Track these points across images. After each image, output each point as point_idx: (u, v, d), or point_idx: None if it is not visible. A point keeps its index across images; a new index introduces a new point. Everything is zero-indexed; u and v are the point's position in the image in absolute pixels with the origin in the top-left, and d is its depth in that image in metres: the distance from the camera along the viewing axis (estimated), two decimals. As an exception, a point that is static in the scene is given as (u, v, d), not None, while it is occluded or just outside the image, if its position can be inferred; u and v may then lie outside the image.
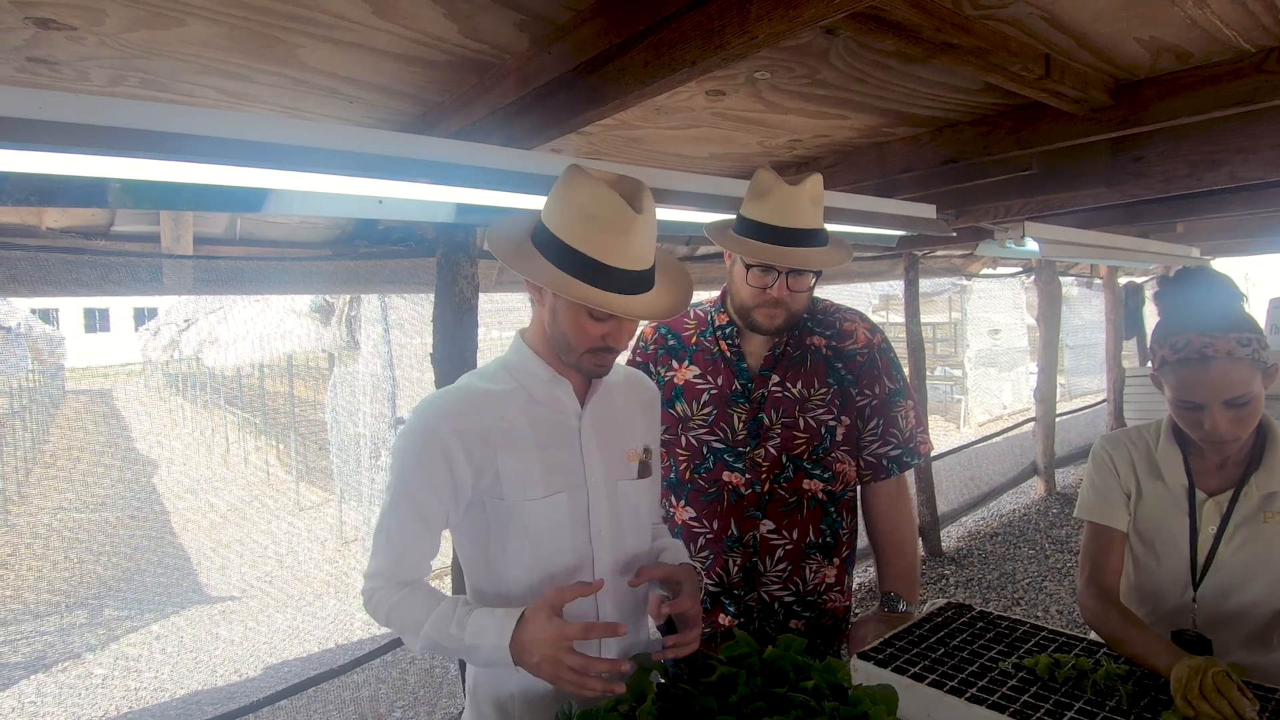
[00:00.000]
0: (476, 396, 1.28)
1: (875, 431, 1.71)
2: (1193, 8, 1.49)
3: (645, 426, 1.44)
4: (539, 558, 1.28)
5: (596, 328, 1.21)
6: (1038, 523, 6.06)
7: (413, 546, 1.28)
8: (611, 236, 1.13)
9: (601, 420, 1.35)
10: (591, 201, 1.13)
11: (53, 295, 2.32)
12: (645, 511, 1.42)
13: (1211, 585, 1.46)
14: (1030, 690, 1.28)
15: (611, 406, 1.38)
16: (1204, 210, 3.80)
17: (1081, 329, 12.89)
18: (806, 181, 1.54)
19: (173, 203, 1.44)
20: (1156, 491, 1.52)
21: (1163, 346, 1.39)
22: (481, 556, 1.32)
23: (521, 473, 1.26)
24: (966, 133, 2.36)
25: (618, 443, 1.37)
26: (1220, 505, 1.45)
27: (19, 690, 4.42)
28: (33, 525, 8.36)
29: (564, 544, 1.30)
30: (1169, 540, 1.50)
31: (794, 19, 1.03)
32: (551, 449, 1.29)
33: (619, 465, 1.36)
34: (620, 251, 1.13)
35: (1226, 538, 1.44)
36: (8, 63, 1.49)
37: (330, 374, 6.95)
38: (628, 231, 1.13)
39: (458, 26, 1.45)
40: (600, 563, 1.33)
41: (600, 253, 1.13)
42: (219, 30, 1.40)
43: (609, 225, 1.12)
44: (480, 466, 1.25)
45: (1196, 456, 1.48)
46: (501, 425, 1.26)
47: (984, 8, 1.45)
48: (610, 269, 1.13)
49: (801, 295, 1.62)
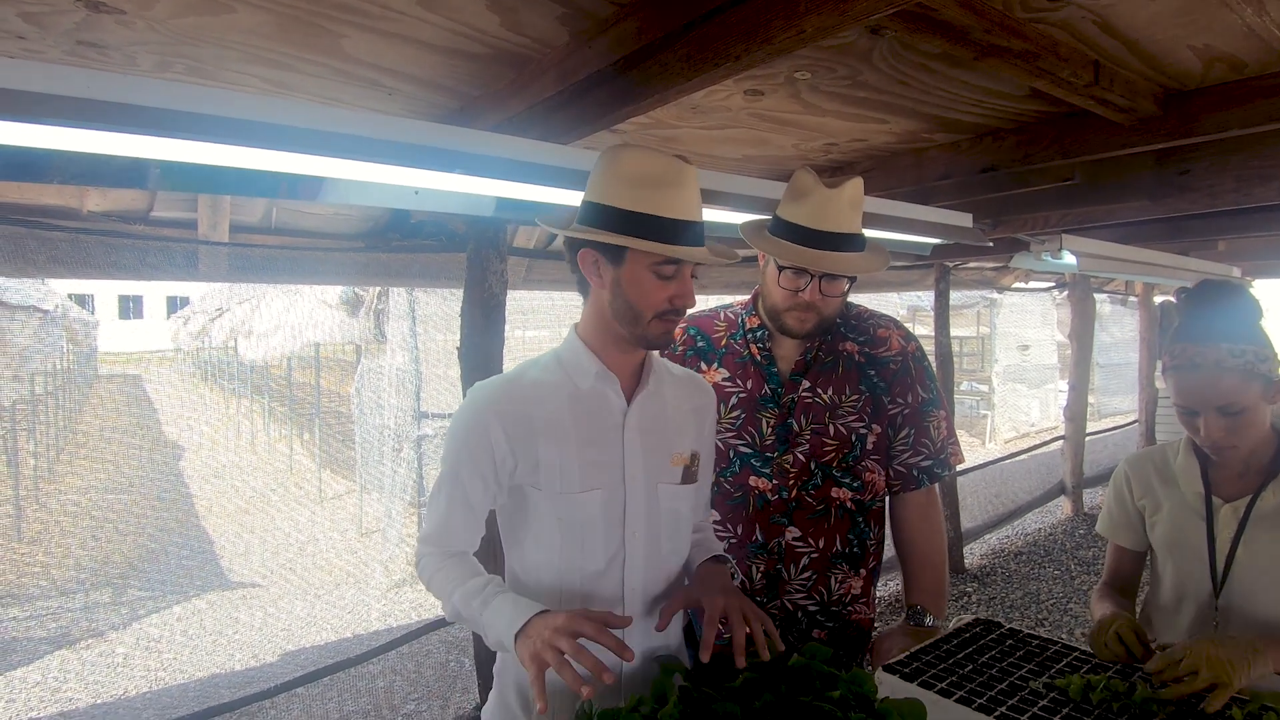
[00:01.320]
0: (526, 384, 1.30)
1: (906, 441, 1.68)
2: (1252, 15, 1.45)
3: (695, 431, 1.42)
4: (571, 551, 1.29)
5: (662, 289, 1.22)
6: (1064, 543, 5.94)
7: (458, 523, 1.31)
8: (668, 191, 1.18)
9: (648, 420, 1.34)
10: (641, 165, 1.18)
11: (91, 277, 2.37)
12: (685, 517, 1.40)
13: (1233, 590, 1.47)
14: (1062, 711, 1.24)
15: (661, 407, 1.37)
16: (1249, 228, 3.71)
17: (1112, 347, 12.65)
18: (846, 184, 1.51)
19: (212, 186, 1.45)
20: (1174, 501, 1.57)
21: (1166, 353, 1.46)
22: (517, 542, 1.34)
23: (560, 464, 1.27)
24: (1007, 140, 2.32)
25: (663, 445, 1.35)
26: (1237, 511, 1.47)
27: (44, 665, 4.51)
28: (63, 504, 8.54)
29: (597, 540, 1.29)
30: (1188, 547, 1.53)
31: (844, 13, 1.01)
32: (593, 444, 1.29)
33: (661, 468, 1.35)
34: (679, 203, 1.18)
35: (1245, 541, 1.45)
36: (58, 45, 1.51)
37: (357, 366, 7.02)
38: (681, 184, 1.18)
39: (500, 19, 1.45)
40: (632, 562, 1.32)
41: (659, 208, 1.17)
42: (267, 18, 1.41)
43: (662, 181, 1.18)
44: (521, 453, 1.26)
45: (1216, 467, 1.52)
46: (546, 415, 1.27)
47: (1035, 10, 1.42)
48: (670, 220, 1.18)
49: (834, 300, 1.59)
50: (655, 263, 1.20)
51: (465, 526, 1.32)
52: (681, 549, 1.41)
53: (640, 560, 1.33)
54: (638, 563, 1.33)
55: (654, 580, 1.36)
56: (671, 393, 1.40)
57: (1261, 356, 1.37)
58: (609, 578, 1.32)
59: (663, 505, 1.34)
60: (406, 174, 1.50)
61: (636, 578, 1.33)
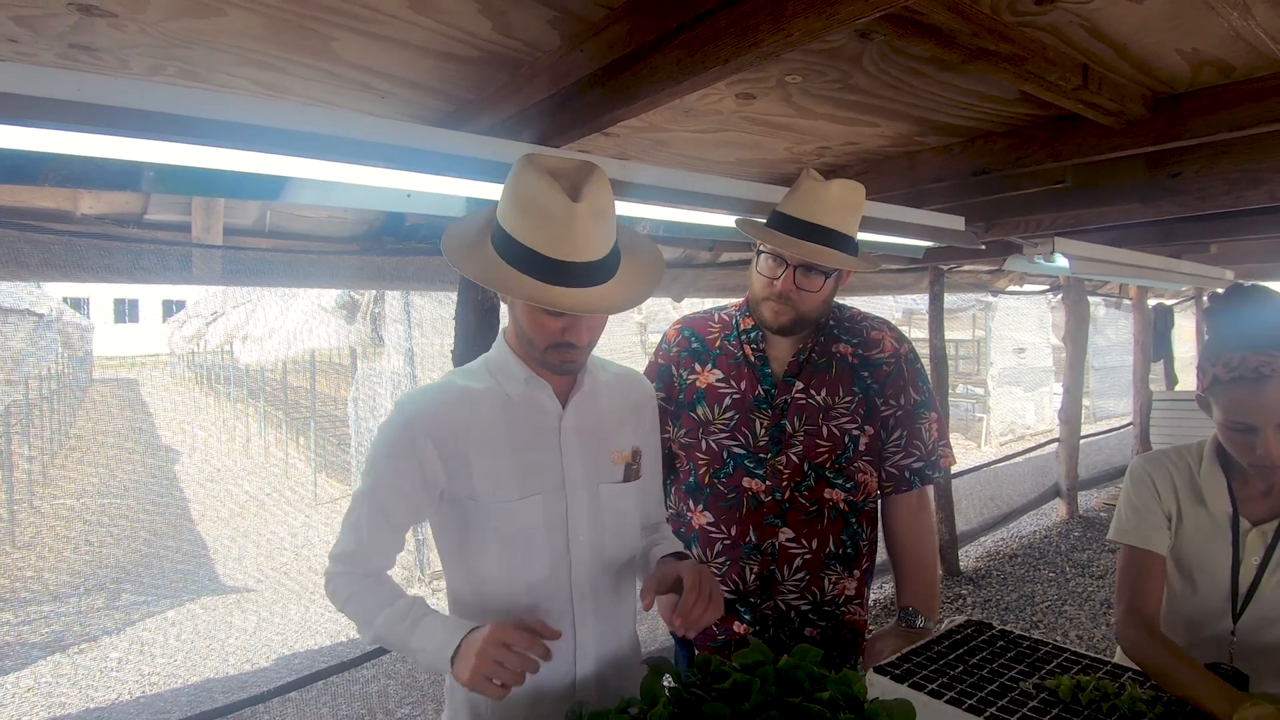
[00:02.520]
0: (455, 394, 1.26)
1: (898, 443, 1.68)
2: (1238, 19, 1.46)
3: (635, 428, 1.39)
4: (514, 561, 1.25)
5: (553, 322, 1.15)
6: (1059, 545, 5.95)
7: (377, 540, 1.26)
8: (552, 227, 1.05)
9: (585, 421, 1.31)
10: (529, 191, 1.06)
11: (85, 280, 2.36)
12: (631, 516, 1.38)
13: (1252, 618, 1.40)
14: (1052, 712, 1.25)
15: (598, 407, 1.34)
16: (1240, 231, 3.73)
17: (1107, 350, 12.72)
18: (836, 181, 1.54)
19: (206, 189, 1.45)
20: (1198, 517, 1.46)
21: (1215, 364, 1.32)
22: (459, 556, 1.29)
23: (494, 474, 1.23)
24: (999, 144, 2.33)
25: (602, 444, 1.32)
26: (1265, 535, 1.39)
27: (36, 670, 4.49)
28: (56, 508, 8.50)
29: (540, 548, 1.26)
30: (1208, 569, 1.45)
31: (830, 16, 1.02)
32: (528, 450, 1.25)
33: (602, 468, 1.32)
34: (564, 243, 1.05)
35: (1270, 569, 1.38)
36: (50, 49, 1.51)
37: (353, 370, 7.01)
38: (567, 222, 1.04)
39: (491, 23, 1.46)
40: (578, 568, 1.30)
41: (543, 245, 1.06)
42: (258, 21, 1.41)
43: (547, 216, 1.05)
44: (454, 466, 1.22)
45: (1240, 482, 1.42)
46: (478, 424, 1.23)
47: (1022, 15, 1.43)
48: (554, 261, 1.06)
49: (811, 296, 1.59)
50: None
51: (383, 545, 1.27)
52: (628, 547, 1.38)
53: (587, 564, 1.30)
54: (584, 567, 1.30)
55: (603, 584, 1.33)
56: (608, 391, 1.36)
57: None
58: (556, 584, 1.29)
59: (605, 505, 1.31)
60: (399, 177, 1.50)
61: (585, 582, 1.31)
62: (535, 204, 1.05)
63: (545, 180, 1.04)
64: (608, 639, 1.35)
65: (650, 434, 1.45)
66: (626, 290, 1.14)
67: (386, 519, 1.25)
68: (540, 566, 1.27)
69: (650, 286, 1.17)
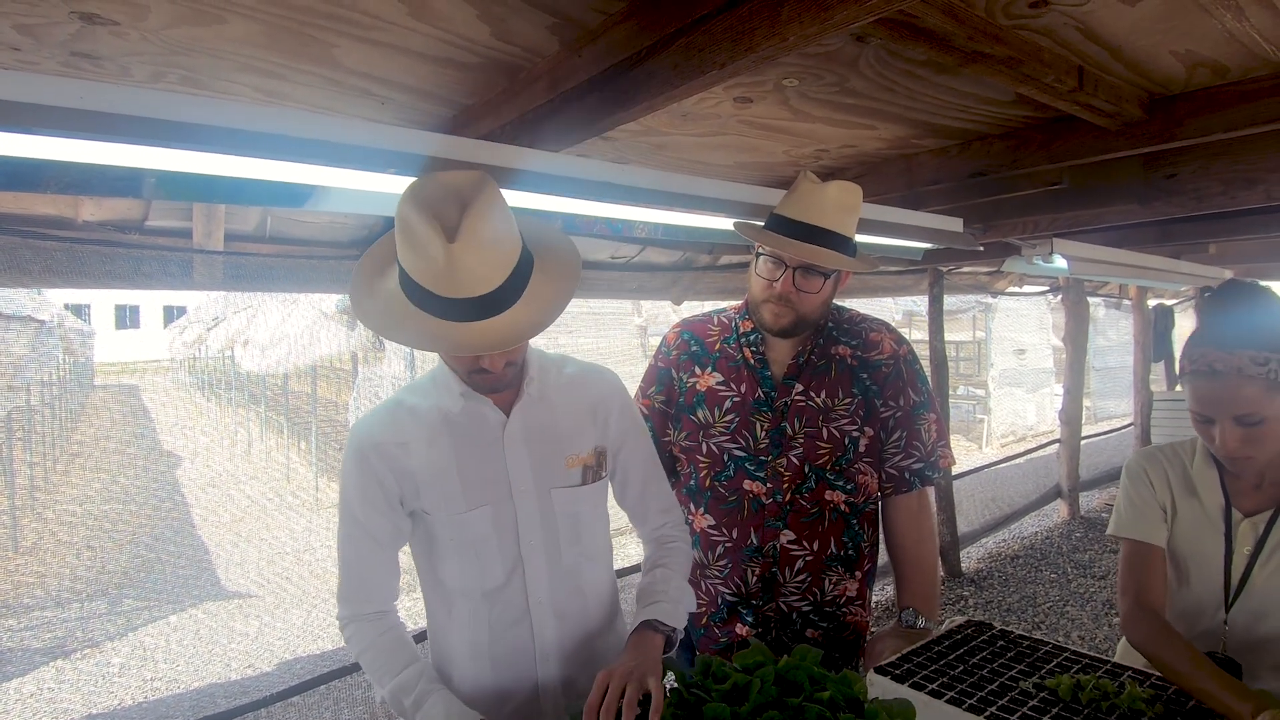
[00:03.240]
0: (401, 412, 1.29)
1: (898, 444, 1.69)
2: (1231, 21, 1.46)
3: (595, 428, 1.37)
4: (471, 570, 1.30)
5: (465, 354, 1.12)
6: (1060, 546, 5.95)
7: (371, 568, 1.29)
8: (435, 267, 0.99)
9: (533, 428, 1.31)
10: (411, 228, 1.00)
11: (86, 286, 2.37)
12: (589, 519, 1.38)
13: (1244, 608, 1.42)
14: (1052, 711, 1.25)
15: (547, 411, 1.33)
16: (1238, 231, 3.73)
17: (1107, 350, 12.71)
18: (833, 183, 1.55)
19: (207, 195, 1.46)
20: (1192, 509, 1.49)
21: (1185, 357, 1.40)
22: (427, 567, 1.35)
23: (442, 487, 1.26)
24: (996, 146, 2.34)
25: (554, 449, 1.32)
26: (1256, 526, 1.42)
27: (39, 675, 4.49)
28: (58, 514, 8.51)
29: (493, 556, 1.29)
30: (1202, 560, 1.47)
31: (825, 21, 1.03)
32: (474, 462, 1.27)
33: (554, 473, 1.32)
34: (447, 282, 0.99)
35: (1262, 560, 1.40)
36: (53, 57, 1.52)
37: (354, 375, 7.02)
38: (448, 263, 0.98)
39: (490, 29, 1.46)
40: (533, 574, 1.32)
41: (430, 282, 1.00)
42: (258, 28, 1.42)
43: (429, 256, 0.98)
44: (404, 481, 1.26)
45: (1232, 475, 1.45)
46: (423, 440, 1.26)
47: (1017, 17, 1.44)
48: (443, 299, 1.01)
49: (810, 297, 1.60)
50: None
51: (380, 570, 1.30)
52: (592, 553, 1.38)
53: (542, 571, 1.32)
54: (539, 574, 1.32)
55: (561, 591, 1.34)
56: (560, 395, 1.35)
57: None
58: (511, 592, 1.31)
59: (558, 510, 1.32)
60: (399, 182, 1.51)
61: (541, 590, 1.32)
62: (418, 242, 0.99)
63: (423, 218, 0.97)
64: (572, 641, 1.36)
65: (622, 430, 1.40)
66: (531, 314, 1.07)
67: (372, 541, 1.28)
68: (494, 575, 1.30)
69: (562, 301, 1.10)
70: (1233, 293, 1.41)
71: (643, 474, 1.45)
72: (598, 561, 1.40)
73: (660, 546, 1.46)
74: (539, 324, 1.07)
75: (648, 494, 1.47)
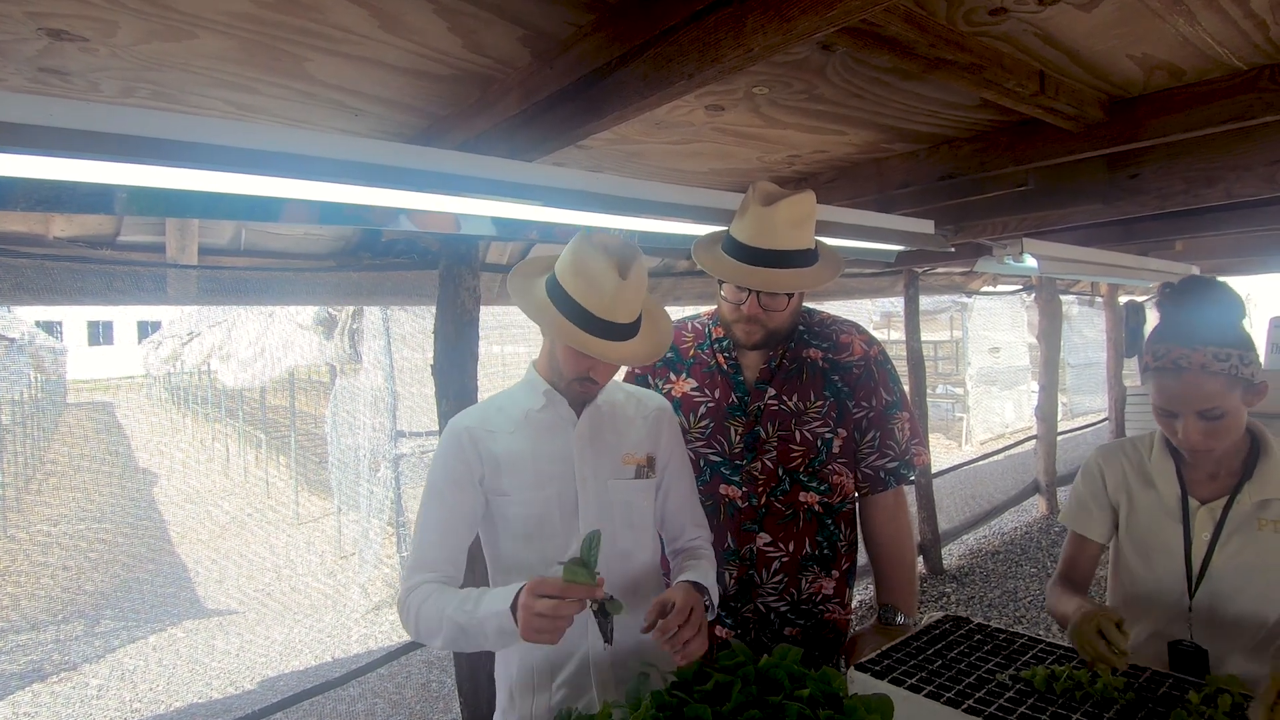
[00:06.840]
0: (492, 409, 1.53)
1: (872, 444, 1.72)
2: (1184, 25, 1.51)
3: (649, 436, 1.56)
4: (535, 547, 1.46)
5: (583, 361, 1.40)
6: (1039, 540, 6.03)
7: (444, 536, 1.45)
8: (601, 294, 1.33)
9: (598, 426, 1.51)
10: (589, 263, 1.33)
11: (58, 303, 2.35)
12: (640, 509, 1.53)
13: (1207, 593, 1.46)
14: (1028, 702, 1.28)
15: (611, 415, 1.54)
16: (1202, 228, 3.82)
17: (1083, 347, 12.90)
18: (782, 203, 1.52)
19: (179, 210, 1.46)
20: (1149, 499, 1.54)
21: (1148, 352, 1.43)
22: (495, 551, 1.51)
23: (518, 469, 1.46)
24: (964, 149, 2.38)
25: (614, 446, 1.52)
26: (1214, 512, 1.46)
27: (14, 700, 4.40)
28: (32, 536, 8.34)
29: (555, 534, 1.46)
30: (1163, 548, 1.51)
31: (788, 32, 1.05)
32: (546, 451, 1.48)
33: (613, 466, 1.51)
34: (606, 306, 1.33)
35: (1221, 544, 1.44)
36: (20, 73, 1.51)
37: (332, 387, 6.96)
38: (614, 293, 1.33)
39: (462, 41, 1.48)
40: None
41: (592, 305, 1.33)
42: (229, 43, 1.42)
43: (599, 285, 1.32)
44: (488, 464, 1.46)
45: (1190, 466, 1.49)
46: (507, 428, 1.49)
47: (978, 24, 1.48)
48: (598, 319, 1.33)
49: (778, 314, 1.62)
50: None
51: (451, 539, 1.45)
52: (643, 542, 1.54)
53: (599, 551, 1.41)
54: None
55: (613, 568, 1.44)
56: (623, 403, 1.57)
57: (1245, 360, 1.34)
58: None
59: (614, 498, 1.50)
60: (375, 194, 1.51)
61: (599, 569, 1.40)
62: (592, 274, 1.33)
63: (603, 259, 1.32)
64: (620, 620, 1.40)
65: (671, 446, 1.60)
66: (645, 348, 1.43)
67: (450, 512, 1.45)
68: (555, 550, 1.44)
69: (661, 349, 1.46)
70: (1193, 288, 1.44)
71: (685, 488, 1.62)
72: (646, 549, 1.55)
73: (691, 555, 1.58)
74: (651, 355, 1.44)
75: (686, 507, 1.62)
